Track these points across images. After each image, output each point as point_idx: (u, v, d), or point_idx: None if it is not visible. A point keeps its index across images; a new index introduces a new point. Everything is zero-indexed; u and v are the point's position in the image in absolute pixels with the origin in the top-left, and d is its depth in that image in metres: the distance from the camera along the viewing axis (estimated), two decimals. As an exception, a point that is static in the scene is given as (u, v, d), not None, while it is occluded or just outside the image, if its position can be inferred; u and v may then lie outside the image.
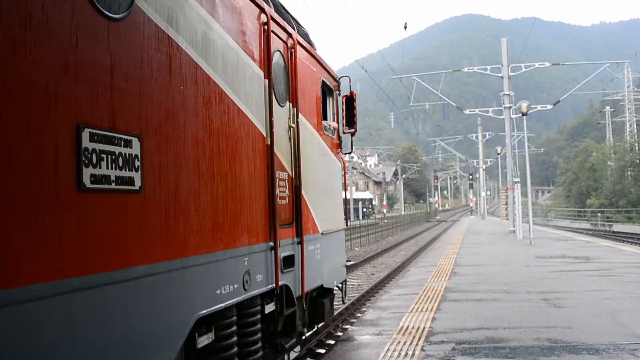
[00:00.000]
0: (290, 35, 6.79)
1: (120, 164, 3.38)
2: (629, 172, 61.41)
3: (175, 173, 3.99)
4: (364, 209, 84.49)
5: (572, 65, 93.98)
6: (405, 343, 7.63)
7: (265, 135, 5.74)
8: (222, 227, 4.73)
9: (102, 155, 3.23)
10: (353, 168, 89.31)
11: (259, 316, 5.68)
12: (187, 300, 4.13)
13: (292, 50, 6.84)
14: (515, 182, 29.42)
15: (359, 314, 13.00)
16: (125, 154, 3.42)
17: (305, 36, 7.82)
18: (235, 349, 5.11)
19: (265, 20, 5.94)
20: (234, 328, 5.10)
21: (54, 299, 2.84)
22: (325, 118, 8.62)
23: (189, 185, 4.19)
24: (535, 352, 6.95)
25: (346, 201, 9.86)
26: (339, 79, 9.55)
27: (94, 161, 3.16)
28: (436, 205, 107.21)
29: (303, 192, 6.86)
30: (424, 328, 8.47)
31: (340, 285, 9.28)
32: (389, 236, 46.78)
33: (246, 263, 5.16)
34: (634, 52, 61.88)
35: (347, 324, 11.97)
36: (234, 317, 5.09)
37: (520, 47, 41.25)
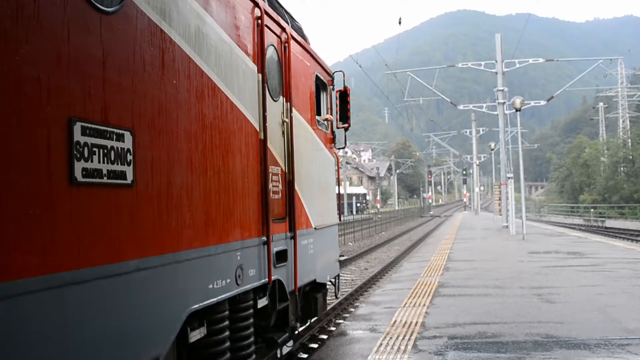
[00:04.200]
0: (284, 29, 6.78)
1: (113, 158, 3.37)
2: (621, 168, 61.53)
3: (167, 167, 3.98)
4: (358, 204, 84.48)
5: (566, 61, 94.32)
6: (397, 338, 7.65)
7: (258, 129, 5.73)
8: (215, 221, 4.72)
9: (94, 149, 3.22)
10: (347, 163, 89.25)
11: (251, 311, 5.68)
12: (179, 295, 4.12)
13: (286, 44, 6.83)
14: (509, 178, 29.47)
15: (352, 309, 13.02)
16: (117, 147, 3.41)
17: (299, 31, 7.81)
18: (228, 344, 5.11)
19: (259, 14, 5.92)
20: (226, 323, 5.10)
21: (46, 293, 2.83)
22: (318, 113, 8.61)
23: (182, 179, 4.18)
24: (527, 347, 6.98)
25: (340, 196, 9.85)
26: (333, 74, 9.54)
27: (86, 155, 3.15)
28: (430, 201, 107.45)
29: (296, 187, 6.85)
30: (416, 323, 8.49)
31: (333, 280, 9.29)
32: (382, 231, 46.83)
33: (239, 258, 5.16)
34: (628, 48, 61.80)
35: (340, 319, 11.98)
36: (227, 312, 5.09)
37: (514, 43, 41.24)
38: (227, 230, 4.96)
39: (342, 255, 13.77)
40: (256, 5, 5.88)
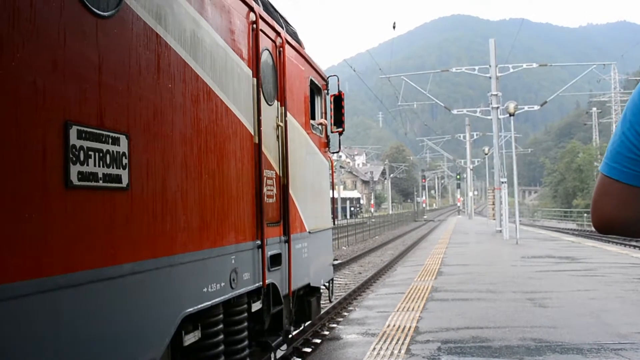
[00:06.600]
0: (278, 34, 6.80)
1: (108, 162, 3.37)
2: (614, 173, 61.61)
3: (162, 171, 3.99)
4: (352, 208, 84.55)
5: (560, 66, 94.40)
6: (391, 342, 7.66)
7: (253, 133, 5.74)
8: (210, 225, 4.73)
9: (90, 152, 3.22)
10: (341, 167, 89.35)
11: (245, 314, 5.68)
12: (173, 298, 4.13)
13: (281, 49, 6.85)
14: (502, 182, 29.54)
15: (345, 313, 13.02)
16: (113, 151, 3.42)
17: (293, 35, 7.83)
18: (222, 347, 5.11)
19: (254, 19, 5.94)
20: (221, 326, 5.10)
21: (40, 296, 2.83)
22: (313, 117, 8.63)
23: (177, 183, 4.19)
24: (520, 351, 7.00)
25: (334, 200, 9.87)
26: (328, 78, 9.56)
27: (82, 158, 3.16)
28: (424, 205, 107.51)
29: (290, 191, 6.87)
30: (410, 327, 8.50)
31: (327, 284, 9.30)
32: (376, 235, 46.83)
33: (233, 261, 5.16)
34: (621, 53, 62.05)
35: (333, 323, 11.97)
36: (221, 316, 5.09)
37: (508, 48, 41.49)
38: (222, 234, 4.97)
39: (336, 259, 13.79)
40: (251, 9, 5.90)
